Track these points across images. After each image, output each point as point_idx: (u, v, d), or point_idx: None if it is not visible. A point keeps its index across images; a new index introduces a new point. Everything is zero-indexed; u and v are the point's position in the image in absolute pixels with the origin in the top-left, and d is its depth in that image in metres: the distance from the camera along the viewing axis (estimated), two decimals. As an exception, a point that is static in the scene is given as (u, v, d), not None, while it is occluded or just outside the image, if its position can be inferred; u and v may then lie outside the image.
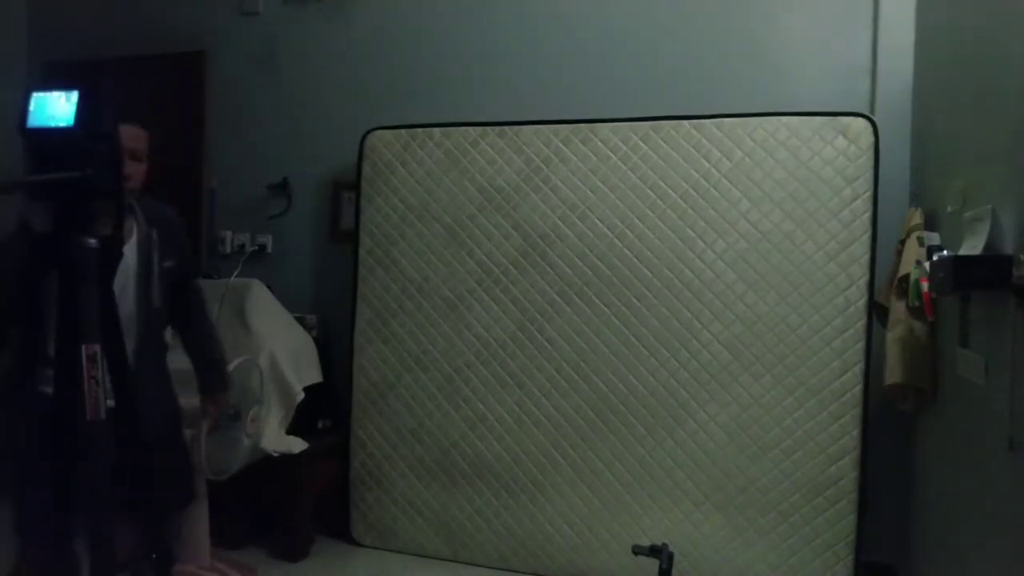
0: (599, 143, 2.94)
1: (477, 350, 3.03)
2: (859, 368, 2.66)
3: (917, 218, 2.48)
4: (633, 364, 2.84)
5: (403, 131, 3.19)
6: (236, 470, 2.69)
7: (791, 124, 2.76)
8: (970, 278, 1.86)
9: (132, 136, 2.13)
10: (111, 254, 1.98)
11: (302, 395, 3.02)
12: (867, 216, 2.67)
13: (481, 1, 3.39)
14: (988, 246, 1.89)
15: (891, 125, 2.78)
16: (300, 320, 3.34)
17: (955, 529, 2.27)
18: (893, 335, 2.43)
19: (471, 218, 3.07)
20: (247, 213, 3.69)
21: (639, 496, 2.83)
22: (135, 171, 2.20)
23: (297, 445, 2.96)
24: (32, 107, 1.42)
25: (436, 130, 3.15)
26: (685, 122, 2.86)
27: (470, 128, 3.11)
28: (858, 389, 2.65)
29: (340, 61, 3.58)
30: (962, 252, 2.00)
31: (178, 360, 3.09)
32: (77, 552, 2.04)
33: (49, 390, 1.58)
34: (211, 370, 2.40)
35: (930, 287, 2.22)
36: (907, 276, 2.40)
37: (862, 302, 2.66)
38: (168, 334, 3.28)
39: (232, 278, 3.24)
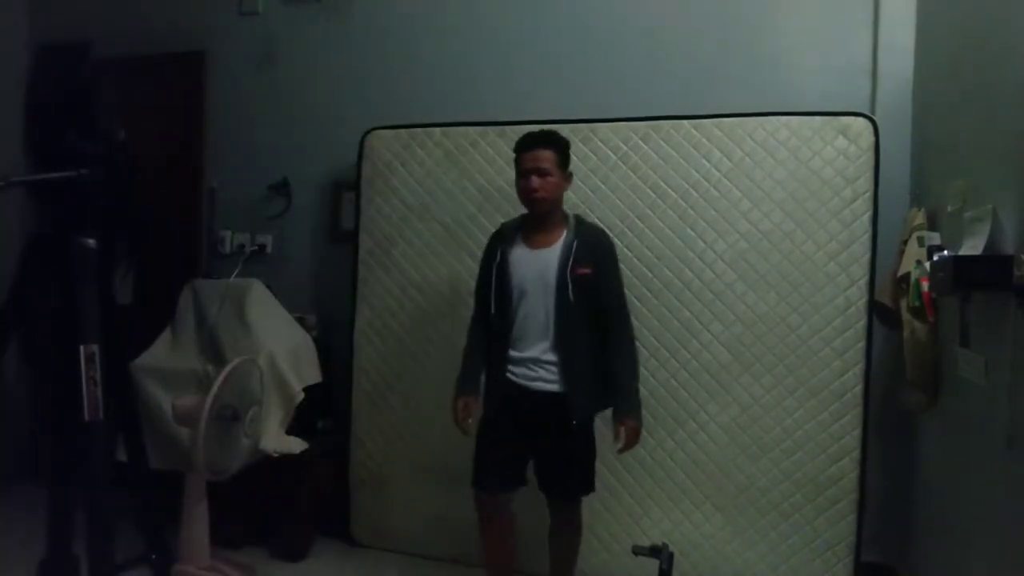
0: (599, 143, 2.94)
1: (477, 350, 3.02)
2: (860, 368, 2.65)
3: (920, 218, 2.47)
4: (633, 364, 2.84)
5: (403, 131, 3.19)
6: (236, 470, 2.69)
7: (791, 124, 2.76)
8: (970, 278, 1.86)
9: None
10: (111, 254, 1.97)
11: (302, 395, 3.02)
12: (867, 216, 2.67)
13: (481, 1, 3.39)
14: (989, 246, 1.89)
15: (891, 125, 2.78)
16: (300, 320, 3.34)
17: (955, 529, 2.27)
18: (904, 335, 2.43)
19: (471, 218, 3.06)
20: (247, 213, 3.69)
21: (639, 496, 2.83)
22: None
23: (297, 445, 2.96)
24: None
25: (436, 130, 3.15)
26: (685, 122, 2.86)
27: (470, 128, 3.11)
28: (859, 389, 2.65)
29: (340, 61, 3.58)
30: (963, 252, 2.00)
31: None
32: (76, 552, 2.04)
33: None
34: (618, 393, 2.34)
35: (930, 287, 2.22)
36: (908, 276, 2.39)
37: (862, 302, 2.66)
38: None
39: (232, 278, 3.23)
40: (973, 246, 1.96)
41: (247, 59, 3.73)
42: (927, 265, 2.22)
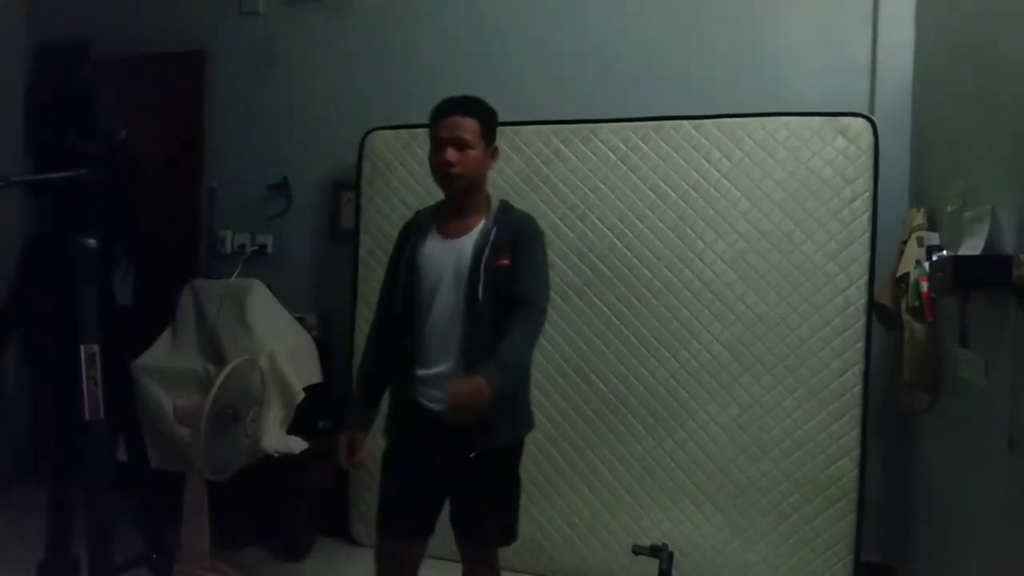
0: (599, 143, 2.94)
1: (477, 350, 3.02)
2: (859, 368, 2.65)
3: (920, 218, 2.47)
4: (633, 364, 2.84)
5: (403, 131, 3.19)
6: (236, 470, 2.69)
7: (791, 124, 2.76)
8: (970, 278, 1.86)
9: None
10: (111, 254, 1.97)
11: (302, 395, 3.02)
12: (867, 216, 2.67)
13: (481, 1, 3.39)
14: (988, 246, 1.89)
15: (891, 125, 2.78)
16: (300, 320, 3.34)
17: (955, 529, 2.27)
18: (905, 335, 2.43)
19: (471, 218, 3.06)
20: (247, 213, 3.68)
21: (639, 496, 2.83)
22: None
23: (297, 445, 2.96)
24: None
25: (436, 130, 3.14)
26: (685, 122, 2.86)
27: (470, 128, 3.10)
28: (858, 389, 2.65)
29: (340, 61, 3.58)
30: (962, 252, 2.00)
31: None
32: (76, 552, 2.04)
33: None
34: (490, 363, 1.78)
35: (930, 287, 2.22)
36: (907, 276, 2.39)
37: (862, 302, 2.66)
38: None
39: (232, 278, 3.23)
40: (972, 246, 1.96)
41: (247, 59, 3.73)
42: (926, 265, 2.22)
